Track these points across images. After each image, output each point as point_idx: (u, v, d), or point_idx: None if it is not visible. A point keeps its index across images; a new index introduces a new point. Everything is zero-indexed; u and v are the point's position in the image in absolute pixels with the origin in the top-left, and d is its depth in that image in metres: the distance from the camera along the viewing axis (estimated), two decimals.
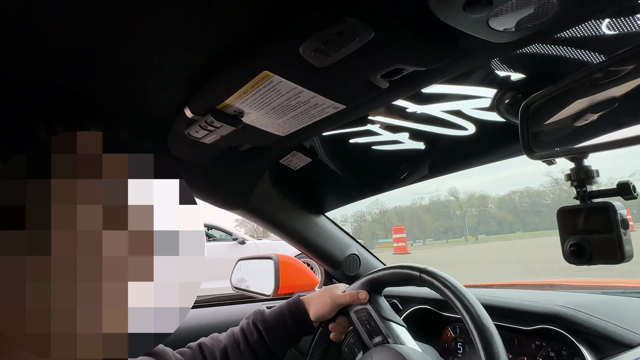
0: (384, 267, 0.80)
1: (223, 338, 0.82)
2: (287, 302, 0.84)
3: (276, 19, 0.49)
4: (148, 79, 0.62)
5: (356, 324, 0.78)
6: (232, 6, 0.47)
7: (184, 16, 0.48)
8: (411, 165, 1.05)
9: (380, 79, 0.56)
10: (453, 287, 0.66)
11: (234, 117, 0.68)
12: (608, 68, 0.44)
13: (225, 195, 1.02)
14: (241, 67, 0.56)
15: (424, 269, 0.71)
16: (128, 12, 0.46)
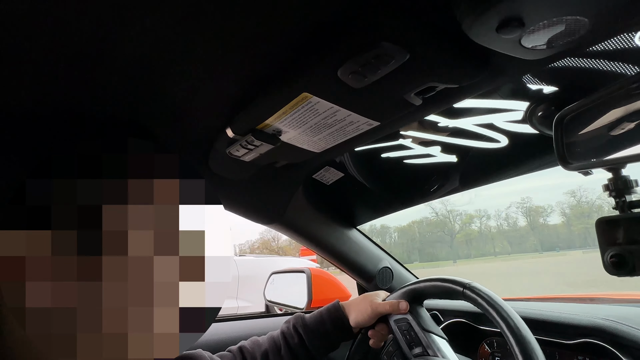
0: (426, 278, 0.80)
1: (263, 342, 0.84)
2: (326, 308, 0.85)
3: (316, 43, 0.52)
4: (193, 102, 0.67)
5: (396, 333, 0.79)
6: (273, 32, 0.50)
7: (228, 43, 0.52)
8: (442, 178, 1.05)
9: (414, 96, 0.59)
10: (494, 303, 0.66)
11: (273, 136, 0.72)
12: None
13: (262, 210, 1.06)
14: (282, 90, 0.59)
15: (468, 284, 0.71)
16: (174, 41, 0.50)
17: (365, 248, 1.25)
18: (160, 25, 0.47)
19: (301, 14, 0.47)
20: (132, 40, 0.49)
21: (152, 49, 0.51)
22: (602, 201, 79.86)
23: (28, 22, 0.45)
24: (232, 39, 0.51)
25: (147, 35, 0.49)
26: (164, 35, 0.49)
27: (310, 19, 0.48)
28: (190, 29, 0.48)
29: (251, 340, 0.86)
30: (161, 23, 0.47)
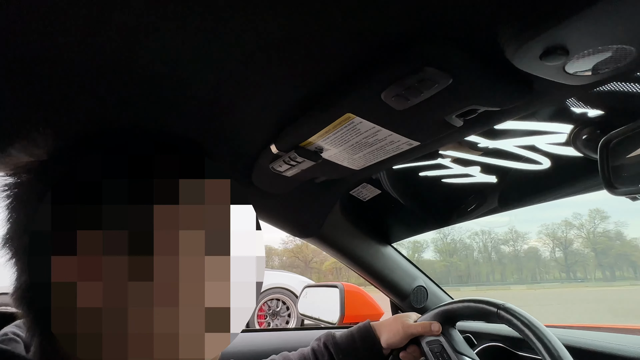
0: (459, 299, 0.80)
1: (293, 357, 0.85)
2: (357, 327, 0.85)
3: (362, 67, 0.55)
4: (241, 119, 0.71)
5: (428, 355, 0.79)
6: (322, 56, 0.53)
7: (279, 65, 0.55)
8: (480, 198, 1.05)
9: (455, 118, 0.60)
10: (533, 326, 0.65)
11: (315, 153, 0.75)
12: None
13: (299, 224, 1.09)
14: (326, 110, 0.62)
15: (502, 305, 0.70)
16: (226, 61, 0.53)
17: (400, 266, 1.25)
18: (212, 50, 0.51)
19: (349, 39, 0.49)
20: (182, 57, 0.53)
21: (205, 72, 0.55)
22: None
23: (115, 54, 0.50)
24: (283, 62, 0.54)
25: (198, 53, 0.52)
26: (216, 58, 0.52)
27: (358, 44, 0.51)
28: (239, 48, 0.51)
29: (282, 355, 0.87)
30: (213, 49, 0.50)
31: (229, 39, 0.49)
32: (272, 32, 0.48)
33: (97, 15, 0.44)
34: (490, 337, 1.07)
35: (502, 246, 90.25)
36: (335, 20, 0.45)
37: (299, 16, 0.45)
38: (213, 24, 0.46)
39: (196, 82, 0.58)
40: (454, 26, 0.46)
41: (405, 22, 0.46)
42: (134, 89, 0.60)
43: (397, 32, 0.48)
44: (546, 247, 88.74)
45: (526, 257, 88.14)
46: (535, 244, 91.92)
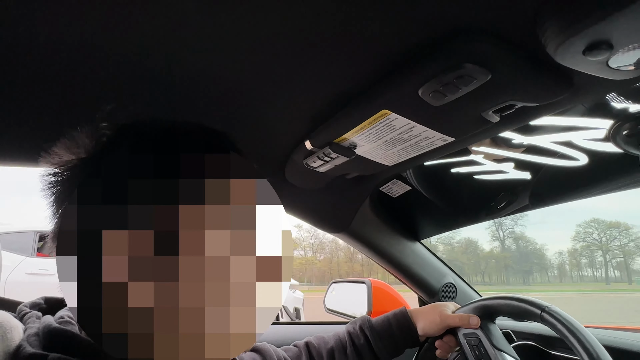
0: (501, 296, 0.79)
1: (329, 339, 0.85)
2: (393, 313, 0.85)
3: (399, 63, 0.56)
4: (276, 115, 0.73)
5: (465, 347, 0.78)
6: (359, 53, 0.54)
7: (315, 62, 0.56)
8: (512, 195, 1.04)
9: (492, 114, 0.60)
10: (577, 331, 0.64)
11: (349, 149, 0.76)
12: None
13: (329, 219, 1.10)
14: (362, 106, 0.63)
15: (547, 307, 0.69)
16: (263, 58, 0.55)
17: (429, 262, 1.25)
18: (249, 45, 0.52)
19: (389, 35, 0.50)
20: (219, 55, 0.54)
21: (239, 64, 0.57)
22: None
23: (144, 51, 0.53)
24: (320, 58, 0.55)
25: (234, 52, 0.54)
26: (253, 53, 0.54)
27: (397, 40, 0.51)
28: (277, 47, 0.52)
29: (317, 336, 0.87)
30: (250, 43, 0.51)
31: (265, 33, 0.50)
32: (309, 27, 0.49)
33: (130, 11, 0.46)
34: (523, 336, 1.06)
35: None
36: (374, 15, 0.46)
37: (337, 10, 0.45)
38: (248, 16, 0.47)
39: (231, 77, 0.60)
40: (495, 21, 0.46)
41: (445, 17, 0.46)
42: (167, 84, 0.62)
43: (436, 28, 0.48)
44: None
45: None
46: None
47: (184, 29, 0.49)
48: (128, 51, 0.53)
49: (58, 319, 0.47)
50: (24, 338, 0.44)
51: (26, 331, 0.45)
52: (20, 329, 0.47)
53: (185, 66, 0.57)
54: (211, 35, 0.50)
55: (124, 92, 0.64)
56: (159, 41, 0.51)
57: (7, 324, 0.45)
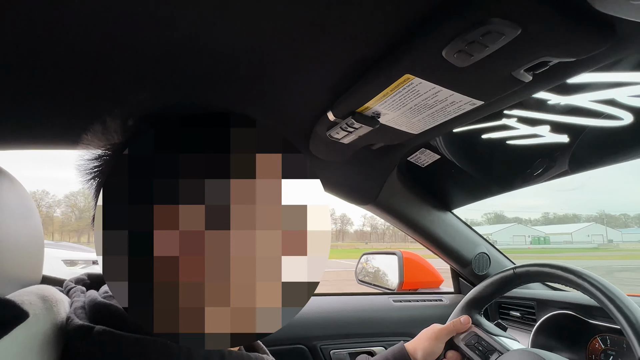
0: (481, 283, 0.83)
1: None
2: (391, 351, 0.81)
3: (420, 24, 0.52)
4: (296, 88, 0.71)
5: (467, 352, 0.77)
6: (375, 16, 0.51)
7: (330, 29, 0.54)
8: (549, 160, 0.98)
9: (524, 73, 0.56)
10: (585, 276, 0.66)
11: (372, 118, 0.74)
12: None
13: (357, 191, 1.09)
14: (384, 72, 0.61)
15: (516, 266, 0.74)
16: (277, 29, 0.53)
17: (461, 232, 1.23)
18: (264, 15, 0.51)
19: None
20: (236, 32, 0.53)
21: (256, 39, 0.55)
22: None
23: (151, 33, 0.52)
24: (335, 25, 0.53)
25: (251, 26, 0.52)
26: (267, 23, 0.52)
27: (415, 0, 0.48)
28: (293, 17, 0.51)
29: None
30: (264, 13, 0.50)
31: (279, 6, 0.48)
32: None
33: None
34: (558, 305, 1.03)
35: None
36: None
37: None
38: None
39: (249, 54, 0.59)
40: None
41: None
42: (188, 67, 0.62)
43: None
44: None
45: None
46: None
47: (200, 8, 0.48)
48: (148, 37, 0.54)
49: (103, 293, 0.49)
50: (71, 311, 0.46)
51: (73, 304, 0.48)
52: (67, 303, 0.49)
53: (204, 47, 0.57)
54: (226, 10, 0.49)
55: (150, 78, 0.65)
56: (176, 24, 0.51)
57: (52, 297, 0.47)
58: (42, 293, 0.47)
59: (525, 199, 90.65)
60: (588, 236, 49.59)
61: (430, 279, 1.52)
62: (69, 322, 0.44)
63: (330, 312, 1.18)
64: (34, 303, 0.43)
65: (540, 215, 71.50)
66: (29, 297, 0.44)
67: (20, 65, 0.60)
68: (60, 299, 0.49)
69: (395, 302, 1.26)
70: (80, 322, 0.43)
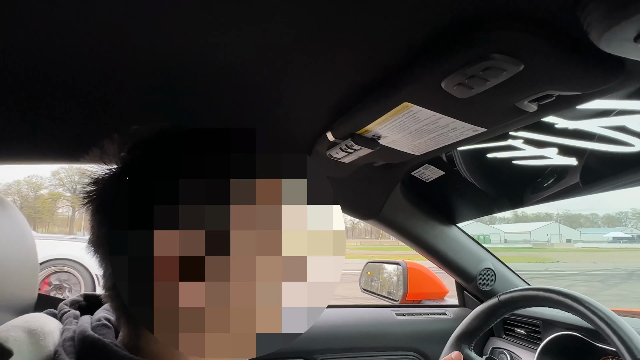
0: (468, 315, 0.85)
1: None
2: None
3: (419, 54, 0.51)
4: (296, 108, 0.70)
5: None
6: (377, 44, 0.50)
7: (332, 53, 0.52)
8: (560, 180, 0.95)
9: (528, 103, 0.54)
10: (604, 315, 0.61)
11: (372, 140, 0.72)
12: None
13: (360, 206, 1.08)
14: (383, 99, 0.59)
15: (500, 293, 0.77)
16: (281, 51, 0.52)
17: (465, 247, 1.20)
18: (266, 39, 0.50)
19: (408, 24, 0.46)
20: (240, 52, 0.52)
21: (259, 59, 0.54)
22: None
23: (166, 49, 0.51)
24: (337, 50, 0.52)
25: (254, 46, 0.51)
26: (270, 44, 0.51)
27: (415, 31, 0.47)
28: (296, 39, 0.50)
29: None
30: (267, 34, 0.49)
31: (282, 26, 0.47)
32: (325, 19, 0.45)
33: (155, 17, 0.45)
34: (564, 326, 1.01)
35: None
36: (393, 4, 0.42)
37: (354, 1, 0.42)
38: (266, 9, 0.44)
39: (250, 72, 0.58)
40: (528, 7, 0.40)
41: (471, 2, 0.41)
42: (190, 85, 0.61)
43: (459, 15, 0.43)
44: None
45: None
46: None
47: (202, 28, 0.48)
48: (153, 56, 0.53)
49: (95, 321, 0.48)
50: (60, 343, 0.45)
51: (63, 334, 0.47)
52: (56, 333, 0.48)
53: (207, 65, 0.56)
54: (229, 31, 0.48)
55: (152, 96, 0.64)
56: (180, 42, 0.50)
57: (40, 330, 0.47)
58: (30, 326, 0.46)
59: None
60: (546, 235, 48.44)
61: (435, 290, 1.50)
62: (56, 356, 0.43)
63: (332, 325, 1.17)
64: (19, 339, 0.43)
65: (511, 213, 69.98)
66: (14, 333, 0.43)
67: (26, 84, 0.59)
68: (50, 330, 0.48)
69: (398, 316, 1.25)
70: (66, 359, 0.42)
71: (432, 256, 1.18)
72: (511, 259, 22.99)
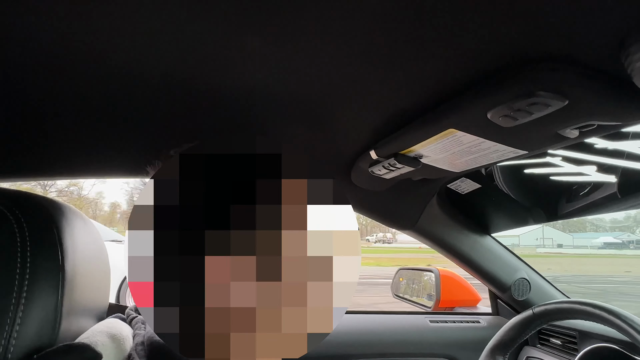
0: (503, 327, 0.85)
1: None
2: None
3: (467, 85, 0.54)
4: (342, 127, 0.74)
5: None
6: (429, 70, 0.53)
7: (382, 78, 0.56)
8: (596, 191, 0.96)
9: (570, 131, 0.56)
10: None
11: (414, 159, 0.76)
12: None
13: (397, 217, 1.11)
14: (428, 124, 0.63)
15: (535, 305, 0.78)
16: (330, 77, 0.56)
17: (500, 257, 1.22)
18: (320, 65, 0.53)
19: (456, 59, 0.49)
20: (293, 73, 0.56)
21: (310, 81, 0.58)
22: None
23: None
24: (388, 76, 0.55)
25: (306, 69, 0.55)
26: (322, 69, 0.55)
27: (467, 64, 0.50)
28: (346, 66, 0.53)
29: None
30: (322, 58, 0.52)
31: (337, 48, 0.49)
32: (382, 44, 0.48)
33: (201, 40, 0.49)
34: (601, 337, 1.01)
35: None
36: (444, 38, 0.45)
37: (406, 32, 0.45)
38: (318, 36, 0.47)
39: (300, 94, 0.62)
40: (572, 47, 0.43)
41: (521, 43, 0.44)
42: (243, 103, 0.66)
43: (510, 54, 0.46)
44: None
45: None
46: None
47: (255, 55, 0.51)
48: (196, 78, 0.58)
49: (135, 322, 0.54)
50: (133, 347, 0.51)
51: (135, 338, 0.53)
52: (130, 337, 0.54)
53: (256, 87, 0.61)
54: (279, 53, 0.51)
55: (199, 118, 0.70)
56: (234, 68, 0.55)
57: (119, 335, 0.52)
58: (111, 331, 0.51)
59: None
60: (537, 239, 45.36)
61: (468, 297, 1.51)
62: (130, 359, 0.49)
63: (365, 331, 1.21)
64: (105, 344, 0.48)
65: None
66: (101, 338, 0.48)
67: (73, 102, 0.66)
68: (126, 335, 0.53)
69: (432, 323, 1.27)
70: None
71: (466, 265, 1.21)
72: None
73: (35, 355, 0.40)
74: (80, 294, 0.50)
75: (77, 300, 0.48)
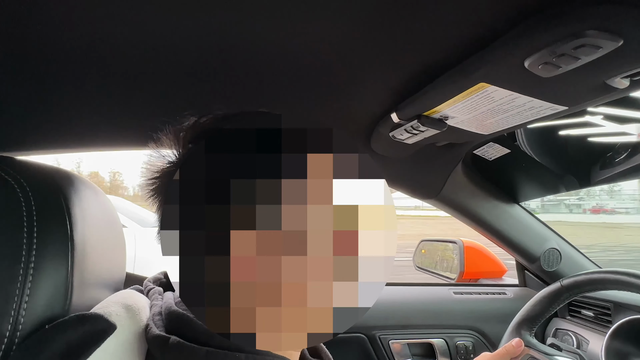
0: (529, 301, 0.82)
1: None
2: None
3: (501, 32, 0.48)
4: (360, 89, 0.69)
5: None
6: (454, 17, 0.48)
7: (400, 34, 0.51)
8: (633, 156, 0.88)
9: (620, 80, 0.50)
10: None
11: (440, 121, 0.70)
12: None
13: (419, 186, 1.06)
14: (455, 80, 0.57)
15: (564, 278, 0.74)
16: (350, 31, 0.52)
17: (529, 226, 1.16)
18: (334, 19, 0.49)
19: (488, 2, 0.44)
20: (307, 34, 0.53)
21: (325, 41, 0.54)
22: None
23: None
24: (405, 31, 0.50)
25: (321, 28, 0.51)
26: (337, 26, 0.51)
27: (498, 7, 0.44)
28: (363, 21, 0.49)
29: None
30: (333, 16, 0.48)
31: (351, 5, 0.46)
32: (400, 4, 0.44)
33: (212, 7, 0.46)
34: (637, 309, 0.96)
35: None
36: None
37: None
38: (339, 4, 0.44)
39: (316, 54, 0.58)
40: None
41: None
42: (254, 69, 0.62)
43: None
44: None
45: None
46: None
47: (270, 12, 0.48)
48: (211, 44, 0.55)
49: (177, 297, 0.51)
50: (150, 317, 0.49)
51: (152, 309, 0.51)
52: (147, 307, 0.53)
53: (273, 49, 0.57)
54: (295, 15, 0.48)
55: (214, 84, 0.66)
56: (241, 29, 0.51)
57: (135, 306, 0.51)
58: (126, 302, 0.50)
59: None
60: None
61: (493, 269, 1.47)
62: (148, 330, 0.47)
63: (390, 302, 1.19)
64: (120, 314, 0.47)
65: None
66: (115, 309, 0.47)
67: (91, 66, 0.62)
68: (142, 305, 0.52)
69: (456, 294, 1.24)
70: (157, 332, 0.45)
71: (493, 236, 1.16)
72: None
73: (47, 325, 0.40)
74: (93, 264, 0.48)
75: (89, 270, 0.47)
